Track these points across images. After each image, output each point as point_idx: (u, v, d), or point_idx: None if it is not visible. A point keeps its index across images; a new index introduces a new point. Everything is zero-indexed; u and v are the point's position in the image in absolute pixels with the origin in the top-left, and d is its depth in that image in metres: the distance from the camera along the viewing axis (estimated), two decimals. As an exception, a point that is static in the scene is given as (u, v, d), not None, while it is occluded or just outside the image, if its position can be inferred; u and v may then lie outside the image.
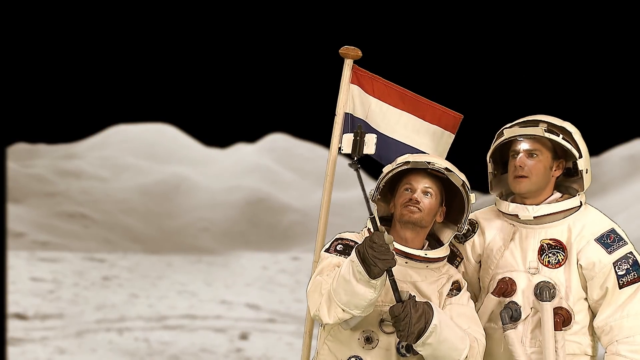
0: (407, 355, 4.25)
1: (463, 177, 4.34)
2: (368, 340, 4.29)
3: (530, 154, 4.45)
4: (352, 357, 4.30)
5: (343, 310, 4.08)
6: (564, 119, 4.57)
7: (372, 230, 4.22)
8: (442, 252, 4.38)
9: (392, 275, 4.04)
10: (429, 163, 4.30)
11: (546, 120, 4.49)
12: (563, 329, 4.41)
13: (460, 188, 4.32)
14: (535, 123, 4.47)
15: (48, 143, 46.48)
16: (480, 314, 4.50)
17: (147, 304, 19.97)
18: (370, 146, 4.31)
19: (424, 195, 4.31)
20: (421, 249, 4.36)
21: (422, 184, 4.32)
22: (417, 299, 4.09)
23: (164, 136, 49.14)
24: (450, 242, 4.60)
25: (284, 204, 41.43)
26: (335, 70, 4.89)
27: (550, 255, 4.46)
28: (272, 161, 47.99)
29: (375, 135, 4.33)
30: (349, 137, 4.35)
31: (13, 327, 16.33)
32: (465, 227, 4.39)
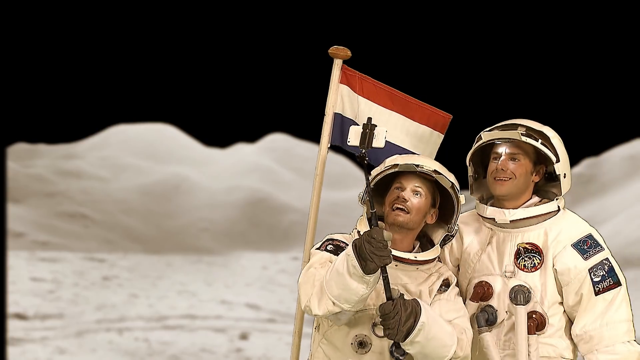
0: (401, 359, 4.22)
1: (452, 178, 4.32)
2: (361, 345, 4.27)
3: (512, 157, 4.43)
4: None
5: (333, 303, 4.06)
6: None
7: (361, 228, 4.23)
8: (432, 253, 4.35)
9: (386, 272, 4.03)
10: (417, 165, 4.27)
11: (525, 124, 4.46)
12: (537, 333, 4.39)
13: (449, 190, 4.30)
14: (514, 127, 4.45)
15: (48, 143, 46.52)
16: None
17: (147, 304, 19.98)
18: (380, 139, 4.23)
19: (413, 194, 4.29)
20: (411, 251, 4.35)
21: (412, 184, 4.29)
22: (406, 298, 4.08)
23: (164, 136, 49.14)
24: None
25: (284, 204, 41.43)
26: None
27: (526, 259, 4.44)
28: (272, 161, 48.00)
29: (385, 129, 4.24)
30: (356, 130, 4.26)
31: (13, 327, 16.34)
32: (456, 228, 4.37)
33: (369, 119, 4.26)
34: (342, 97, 4.81)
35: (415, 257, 4.28)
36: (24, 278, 21.78)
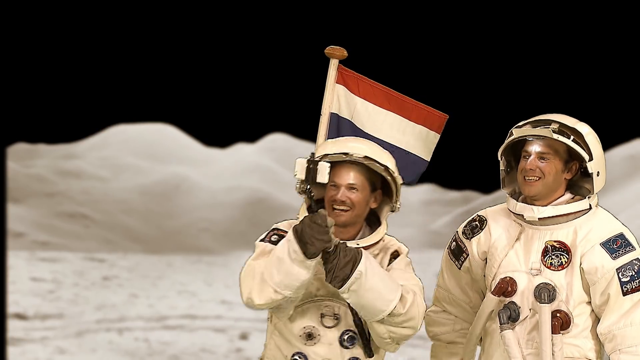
0: (350, 347, 4.23)
1: (385, 160, 4.25)
2: (310, 336, 4.26)
3: (541, 156, 4.35)
4: (296, 354, 4.28)
5: (275, 290, 4.03)
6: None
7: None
8: (375, 237, 4.29)
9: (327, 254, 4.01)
10: (346, 154, 4.22)
11: (558, 120, 4.37)
12: (561, 332, 4.31)
13: (383, 173, 4.24)
14: (547, 123, 4.36)
15: (48, 143, 46.54)
16: (479, 313, 4.46)
17: (147, 304, 19.97)
18: (323, 174, 4.12)
19: (349, 190, 4.22)
20: (356, 236, 4.29)
21: (346, 180, 4.23)
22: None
23: (164, 136, 49.15)
24: (459, 238, 4.58)
25: (284, 204, 41.44)
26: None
27: (553, 257, 4.36)
28: (272, 161, 48.01)
29: (328, 165, 4.13)
30: (302, 163, 4.18)
31: (13, 327, 16.33)
32: (399, 206, 4.32)
33: (312, 153, 4.22)
34: (339, 97, 4.82)
35: (358, 244, 4.22)
36: (24, 278, 21.77)
